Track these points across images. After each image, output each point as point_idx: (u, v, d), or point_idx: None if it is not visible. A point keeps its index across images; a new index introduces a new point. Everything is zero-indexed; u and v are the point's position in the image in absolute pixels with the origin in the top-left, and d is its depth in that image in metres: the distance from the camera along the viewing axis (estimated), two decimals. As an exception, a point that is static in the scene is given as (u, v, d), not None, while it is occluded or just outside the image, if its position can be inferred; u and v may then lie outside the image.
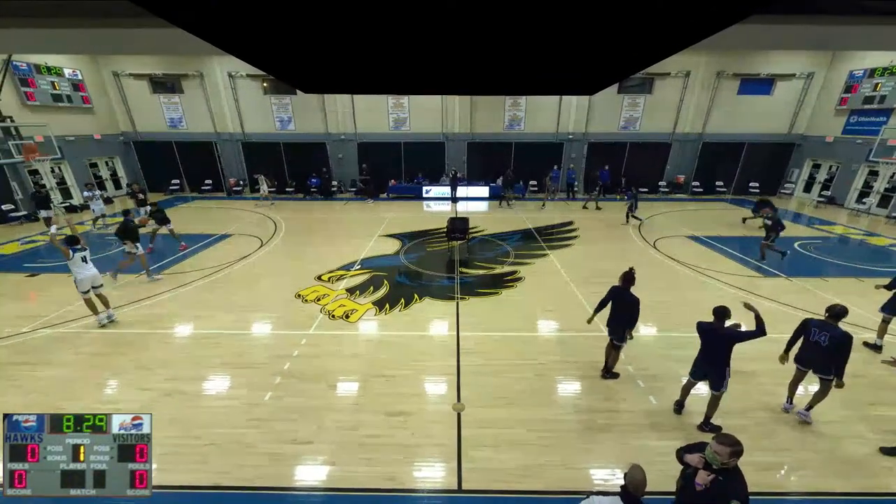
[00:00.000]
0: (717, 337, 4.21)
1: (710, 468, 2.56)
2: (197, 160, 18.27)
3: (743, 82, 16.97)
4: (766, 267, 9.30)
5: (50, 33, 2.53)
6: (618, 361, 5.38)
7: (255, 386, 5.19)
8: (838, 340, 4.18)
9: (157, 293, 7.91)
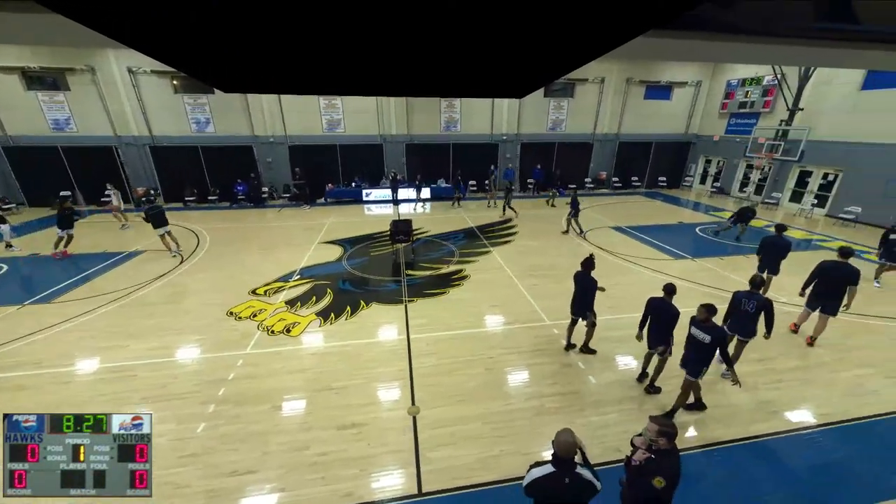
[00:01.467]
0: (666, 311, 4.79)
1: (650, 449, 2.76)
2: (93, 168, 15.76)
3: (648, 88, 19.20)
4: (676, 251, 10.58)
5: None
6: (592, 338, 5.88)
7: (184, 419, 4.64)
8: (763, 304, 4.97)
9: (50, 325, 6.70)
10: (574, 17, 0.52)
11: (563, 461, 2.55)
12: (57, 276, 8.86)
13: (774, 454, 4.26)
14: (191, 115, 16.21)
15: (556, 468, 2.56)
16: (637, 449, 2.85)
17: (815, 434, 4.52)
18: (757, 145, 16.50)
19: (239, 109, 16.28)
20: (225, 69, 0.83)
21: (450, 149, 18.40)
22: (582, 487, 2.55)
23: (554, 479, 2.54)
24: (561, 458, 2.55)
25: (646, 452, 2.76)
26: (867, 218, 13.10)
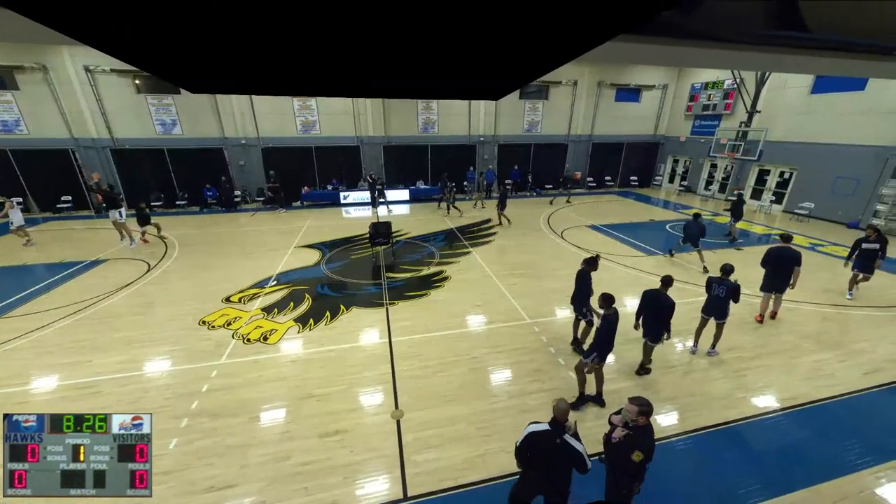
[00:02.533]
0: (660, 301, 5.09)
1: (627, 426, 2.96)
2: (48, 172, 14.80)
3: (618, 91, 19.88)
4: (649, 247, 10.98)
5: None
6: (589, 335, 5.83)
7: (155, 435, 4.36)
8: (732, 289, 5.49)
9: (0, 342, 6.22)
10: (548, 22, 0.54)
11: (559, 424, 2.90)
12: (7, 288, 8.24)
13: (741, 438, 4.49)
14: (155, 116, 15.45)
15: (551, 428, 2.92)
16: (615, 427, 3.01)
17: (780, 417, 4.80)
18: (720, 145, 17.37)
19: (208, 110, 15.67)
20: (191, 69, 0.78)
21: (428, 150, 18.40)
22: (569, 453, 2.86)
23: (547, 437, 2.91)
24: (557, 420, 2.90)
25: (624, 430, 2.92)
26: (819, 213, 14.05)
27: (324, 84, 0.98)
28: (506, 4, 0.47)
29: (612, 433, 3.06)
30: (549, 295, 7.98)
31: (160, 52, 0.65)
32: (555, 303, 7.64)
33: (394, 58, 0.69)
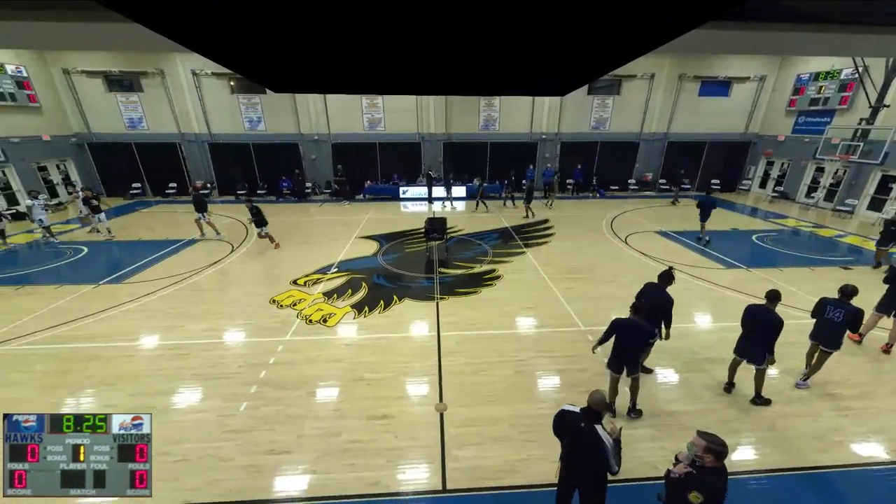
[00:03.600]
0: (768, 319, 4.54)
1: (693, 464, 2.61)
2: (160, 162, 17.36)
3: (703, 84, 17.91)
4: (729, 259, 9.81)
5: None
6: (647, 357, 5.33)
7: (229, 397, 4.99)
8: (851, 313, 4.74)
9: (118, 304, 7.46)
10: (627, 10, 0.49)
11: (590, 410, 2.96)
12: (126, 259, 9.83)
13: (834, 487, 3.84)
14: (245, 114, 17.33)
15: (582, 413, 3.00)
16: (679, 462, 2.71)
17: (888, 471, 4.03)
18: (830, 146, 14.88)
19: (287, 109, 17.17)
20: (276, 71, 0.88)
21: (487, 147, 18.26)
22: (592, 441, 2.83)
23: (574, 418, 3.01)
24: (589, 406, 2.98)
25: (688, 467, 2.62)
26: (966, 230, 11.41)
27: (394, 83, 1.02)
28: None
29: (673, 469, 2.75)
30: (607, 302, 7.51)
31: (251, 58, 0.74)
32: (612, 310, 7.17)
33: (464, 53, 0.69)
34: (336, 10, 0.49)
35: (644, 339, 4.43)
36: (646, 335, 4.40)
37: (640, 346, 4.47)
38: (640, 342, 4.43)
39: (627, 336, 4.39)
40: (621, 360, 4.47)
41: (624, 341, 4.42)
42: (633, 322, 4.39)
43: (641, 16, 0.51)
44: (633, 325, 4.37)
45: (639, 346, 4.46)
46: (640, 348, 4.52)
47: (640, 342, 4.43)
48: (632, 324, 4.38)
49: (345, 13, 0.50)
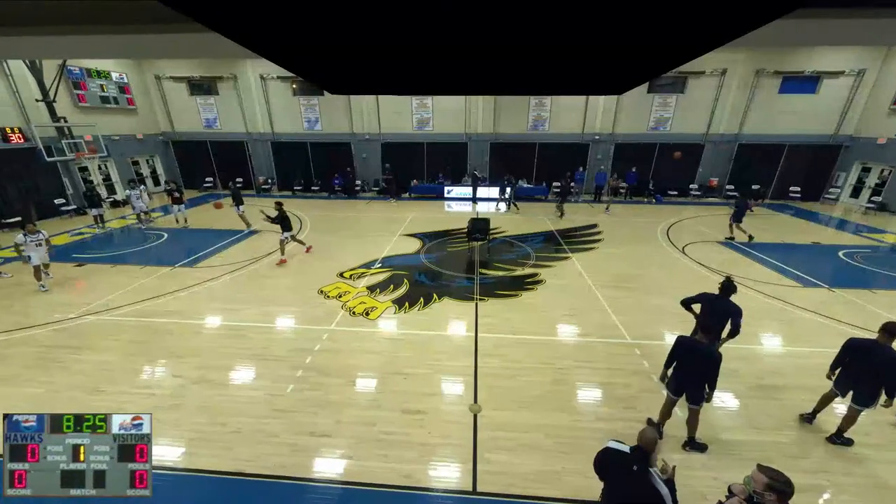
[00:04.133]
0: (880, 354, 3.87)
1: (751, 500, 2.36)
2: (229, 159, 19.12)
3: (785, 80, 16.05)
4: (807, 277, 8.73)
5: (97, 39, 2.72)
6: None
7: (277, 378, 5.36)
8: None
9: (189, 286, 8.31)
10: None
11: (642, 451, 2.54)
12: (198, 246, 10.91)
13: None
14: (304, 114, 18.50)
15: (631, 453, 2.58)
16: (733, 496, 2.46)
17: None
18: (947, 151, 12.67)
19: (342, 109, 18.05)
20: (334, 73, 0.94)
21: (535, 148, 17.85)
22: (647, 491, 2.41)
23: (624, 459, 2.58)
24: (640, 447, 2.56)
25: (743, 502, 2.37)
26: None
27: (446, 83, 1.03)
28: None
29: (725, 502, 2.50)
30: (658, 315, 7.02)
31: (313, 61, 0.80)
32: (664, 325, 6.70)
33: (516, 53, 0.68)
34: (388, 14, 0.51)
35: (707, 365, 3.81)
36: (710, 359, 3.80)
37: (702, 373, 3.86)
38: (703, 369, 3.84)
39: (689, 359, 3.94)
40: (681, 384, 4.04)
41: (686, 364, 3.98)
42: (695, 345, 3.92)
43: (716, 4, 0.46)
44: (695, 348, 3.90)
45: (701, 373, 3.87)
46: (703, 376, 3.88)
47: (703, 369, 3.84)
48: (694, 346, 3.91)
49: (397, 17, 0.52)
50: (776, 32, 3.28)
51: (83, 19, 1.60)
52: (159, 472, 3.93)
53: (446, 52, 0.70)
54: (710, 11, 0.48)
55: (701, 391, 3.95)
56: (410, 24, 0.55)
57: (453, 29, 0.56)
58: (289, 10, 0.51)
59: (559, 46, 0.64)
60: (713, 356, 3.81)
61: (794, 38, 1.78)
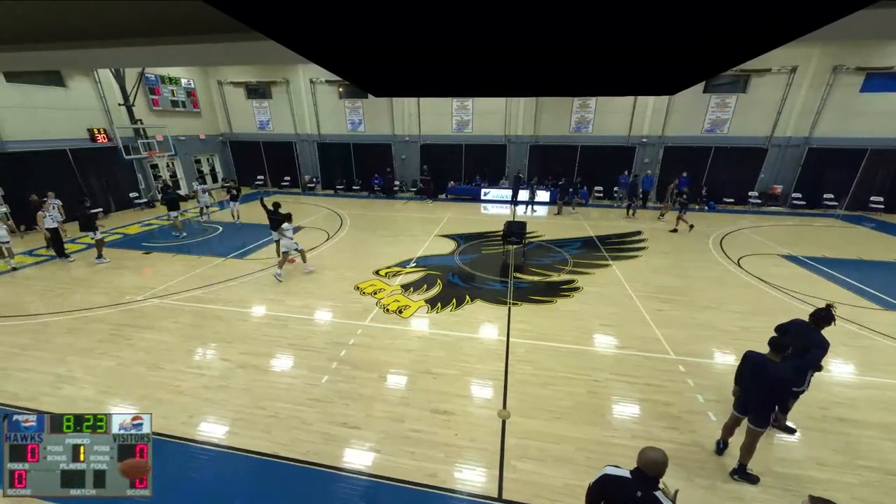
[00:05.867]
0: None
1: None
2: (279, 158, 20.29)
3: (869, 78, 14.32)
4: (888, 297, 7.73)
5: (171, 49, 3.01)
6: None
7: (314, 368, 5.61)
8: None
9: (239, 276, 8.91)
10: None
11: (644, 476, 2.31)
12: (248, 239, 11.69)
13: None
14: (348, 116, 19.24)
15: (633, 477, 2.34)
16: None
17: None
18: None
19: (384, 111, 18.55)
20: (379, 77, 0.97)
21: (577, 151, 17.29)
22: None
23: (624, 486, 2.33)
24: (642, 471, 2.32)
25: None
26: None
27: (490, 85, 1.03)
28: None
29: None
30: (706, 331, 6.54)
31: (361, 66, 0.83)
32: (713, 342, 6.23)
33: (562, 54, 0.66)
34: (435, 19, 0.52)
35: (775, 387, 3.54)
36: (778, 381, 3.50)
37: (767, 393, 3.58)
38: (769, 389, 3.55)
39: (755, 376, 3.66)
40: (746, 403, 3.79)
41: (751, 381, 3.72)
42: (764, 361, 3.62)
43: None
44: (762, 365, 3.60)
45: (766, 393, 3.58)
46: (769, 397, 3.59)
47: (769, 389, 3.55)
48: (762, 362, 3.62)
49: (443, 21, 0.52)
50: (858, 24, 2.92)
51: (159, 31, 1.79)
52: (207, 447, 4.25)
53: (490, 53, 0.69)
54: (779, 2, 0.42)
55: (763, 414, 3.64)
56: (455, 26, 0.55)
57: (498, 30, 0.56)
58: (335, 17, 0.54)
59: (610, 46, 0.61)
60: (782, 377, 3.51)
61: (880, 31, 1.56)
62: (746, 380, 3.79)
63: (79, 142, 14.23)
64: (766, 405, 3.62)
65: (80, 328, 6.68)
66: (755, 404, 3.68)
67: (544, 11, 0.50)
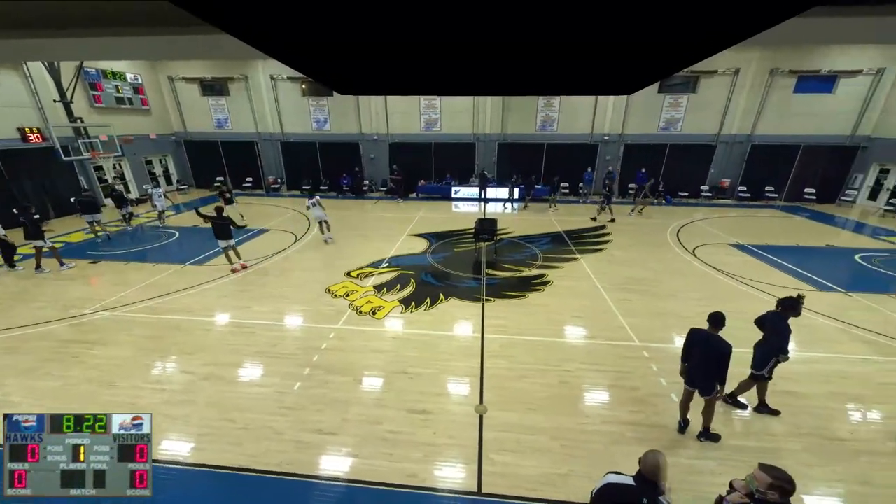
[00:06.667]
0: None
1: (753, 497, 2.38)
2: (239, 159, 19.34)
3: (800, 80, 15.73)
4: (822, 281, 8.53)
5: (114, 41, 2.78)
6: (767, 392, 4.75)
7: (285, 375, 5.42)
8: None
9: (199, 283, 8.43)
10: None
11: (647, 481, 2.33)
12: (209, 244, 11.06)
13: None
14: (313, 115, 18.66)
15: (637, 484, 2.35)
16: (734, 491, 2.46)
17: None
18: (970, 152, 12.29)
19: (351, 110, 18.17)
20: (345, 74, 0.95)
21: (544, 149, 17.75)
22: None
23: (630, 494, 2.33)
24: (645, 476, 2.34)
25: (744, 497, 2.38)
26: None
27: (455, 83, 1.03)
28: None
29: (727, 496, 2.51)
30: (668, 318, 6.93)
31: (323, 62, 0.80)
32: (673, 328, 6.61)
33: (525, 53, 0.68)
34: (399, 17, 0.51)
35: (717, 358, 3.89)
36: (719, 353, 3.87)
37: (712, 364, 3.94)
38: (715, 360, 3.91)
39: (702, 349, 4.02)
40: (693, 375, 4.15)
41: (699, 355, 4.07)
42: (707, 335, 4.00)
43: (729, 2, 0.45)
44: (706, 339, 3.98)
45: (712, 364, 3.95)
46: (713, 367, 3.96)
47: (715, 360, 3.91)
48: (706, 336, 4.00)
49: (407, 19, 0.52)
50: (791, 31, 3.22)
51: (99, 22, 1.64)
52: (170, 466, 4.00)
53: (455, 52, 0.70)
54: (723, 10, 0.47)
55: (710, 382, 4.03)
56: (419, 24, 0.55)
57: (462, 28, 0.56)
58: (297, 11, 0.52)
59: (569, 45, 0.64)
60: (722, 349, 3.86)
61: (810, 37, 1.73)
62: (695, 356, 4.11)
63: (8, 142, 12.89)
64: (711, 375, 4.00)
65: (19, 347, 6.07)
66: (703, 375, 4.06)
67: (508, 11, 0.51)
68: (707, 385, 4.05)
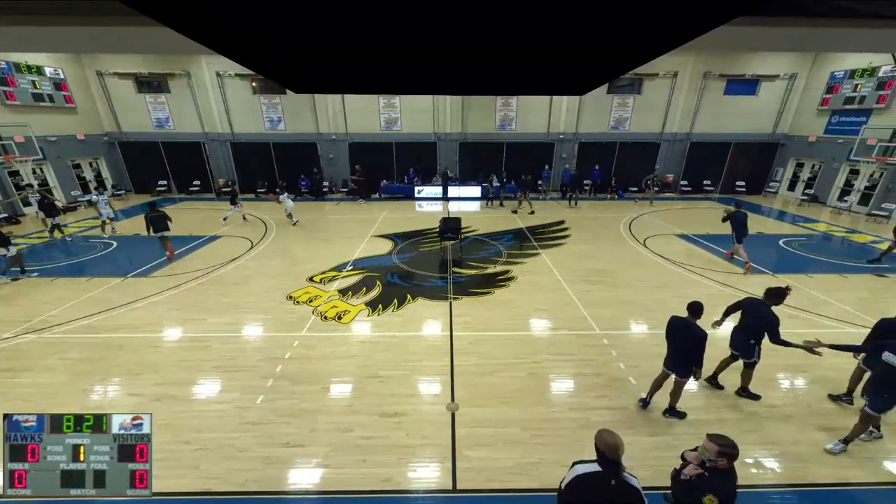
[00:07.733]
0: None
1: (704, 465, 2.61)
2: (185, 161, 17.94)
3: (729, 83, 17.32)
4: (752, 263, 9.46)
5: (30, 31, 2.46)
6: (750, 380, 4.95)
7: (246, 389, 5.13)
8: None
9: (145, 296, 7.76)
10: (649, 5, 0.48)
11: (610, 461, 2.38)
12: (154, 254, 10.21)
13: None
14: (266, 114, 17.74)
15: (603, 468, 2.39)
16: (688, 463, 2.67)
17: None
18: (866, 147, 14.18)
19: (307, 109, 17.48)
20: (297, 72, 0.91)
21: (503, 148, 18.15)
22: (628, 495, 2.34)
23: (600, 480, 2.36)
24: (608, 458, 2.38)
25: (698, 468, 2.59)
26: None
27: (410, 82, 1.03)
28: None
29: (682, 469, 2.72)
30: (625, 307, 7.37)
31: (273, 59, 0.76)
32: (630, 316, 7.04)
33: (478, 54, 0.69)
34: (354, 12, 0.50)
35: (695, 343, 4.15)
36: (697, 338, 4.14)
37: (690, 349, 4.21)
38: (693, 346, 4.17)
39: (682, 336, 4.30)
40: (673, 360, 4.44)
41: (679, 341, 4.35)
42: (686, 322, 4.29)
43: (666, 11, 0.50)
44: (686, 326, 4.28)
45: (690, 349, 4.22)
46: (691, 352, 4.22)
47: (693, 346, 4.17)
48: (685, 323, 4.29)
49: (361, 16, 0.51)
50: (721, 38, 3.57)
51: (13, 9, 1.45)
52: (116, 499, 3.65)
53: (411, 52, 0.70)
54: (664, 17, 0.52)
55: (687, 368, 4.32)
56: (375, 24, 0.54)
57: (418, 28, 0.56)
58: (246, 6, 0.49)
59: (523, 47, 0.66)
60: (699, 335, 4.16)
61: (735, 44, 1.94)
62: (675, 342, 4.40)
63: None
64: (689, 360, 4.30)
65: (-81, 382, 5.26)
66: (682, 360, 4.34)
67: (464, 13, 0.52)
68: (685, 369, 4.34)
